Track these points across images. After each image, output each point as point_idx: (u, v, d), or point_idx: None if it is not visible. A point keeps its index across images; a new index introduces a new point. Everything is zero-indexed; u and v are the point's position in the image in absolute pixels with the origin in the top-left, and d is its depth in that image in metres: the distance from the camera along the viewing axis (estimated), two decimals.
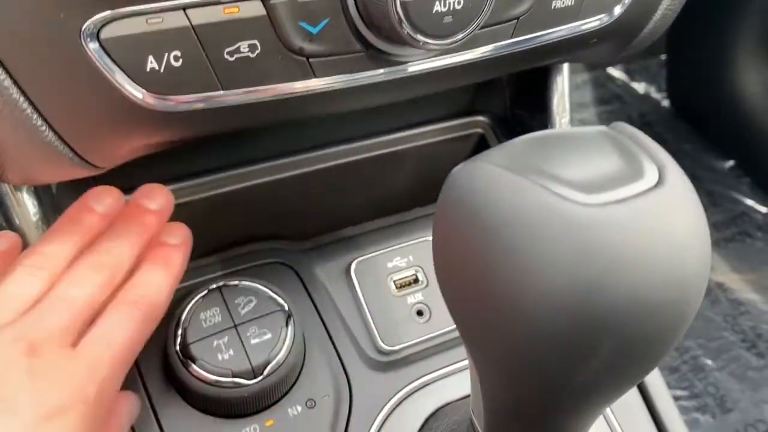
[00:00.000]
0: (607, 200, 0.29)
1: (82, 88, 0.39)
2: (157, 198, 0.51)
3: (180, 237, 0.51)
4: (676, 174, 0.30)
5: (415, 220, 0.67)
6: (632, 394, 0.57)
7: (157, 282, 0.48)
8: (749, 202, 1.65)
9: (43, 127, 0.40)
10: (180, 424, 0.52)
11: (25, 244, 0.53)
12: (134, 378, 0.53)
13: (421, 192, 0.68)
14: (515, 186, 0.30)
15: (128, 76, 0.39)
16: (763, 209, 1.64)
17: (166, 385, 0.53)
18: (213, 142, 0.61)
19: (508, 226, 0.29)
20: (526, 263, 0.28)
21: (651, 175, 0.30)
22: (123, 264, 0.47)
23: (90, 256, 0.46)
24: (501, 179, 0.30)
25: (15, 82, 0.38)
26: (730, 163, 1.71)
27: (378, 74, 0.45)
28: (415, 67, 0.46)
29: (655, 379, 0.58)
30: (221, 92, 0.41)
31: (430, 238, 0.64)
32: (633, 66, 1.91)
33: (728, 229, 1.60)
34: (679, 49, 1.78)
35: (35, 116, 0.39)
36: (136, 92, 0.40)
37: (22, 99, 0.39)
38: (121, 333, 0.44)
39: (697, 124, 1.78)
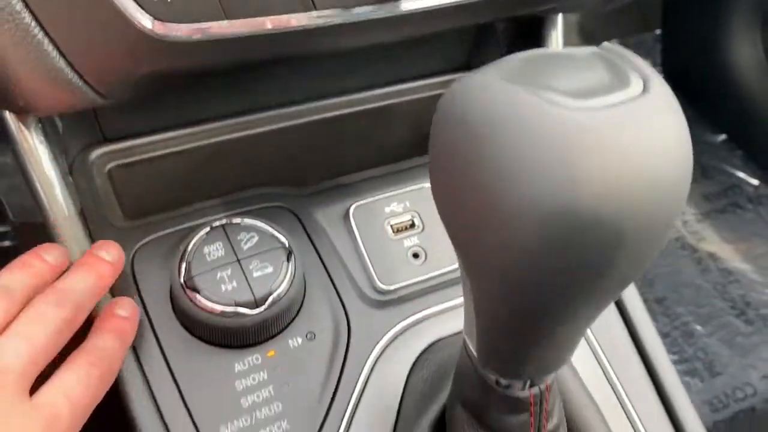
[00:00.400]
0: (595, 105, 0.30)
1: (92, 15, 0.41)
2: (111, 251, 0.53)
3: (129, 310, 0.53)
4: (660, 85, 0.32)
5: (412, 169, 0.68)
6: (618, 329, 0.60)
7: (112, 347, 0.49)
8: (741, 174, 1.67)
9: (54, 53, 0.42)
10: (185, 355, 0.54)
11: (32, 187, 0.55)
12: (140, 313, 0.55)
13: (417, 143, 0.70)
14: (507, 92, 0.31)
15: (137, 3, 0.40)
16: (754, 182, 1.66)
17: (171, 318, 0.55)
18: (216, 90, 0.63)
19: (499, 128, 0.31)
20: (516, 164, 0.30)
21: (637, 85, 0.32)
22: (84, 303, 0.48)
23: (51, 292, 0.47)
24: (494, 87, 0.32)
25: (27, 6, 0.39)
26: (723, 136, 1.73)
27: (375, 11, 0.47)
28: (410, 4, 0.48)
29: (640, 314, 0.60)
30: (225, 22, 0.43)
31: (427, 185, 0.67)
32: (628, 40, 1.93)
33: (720, 200, 1.62)
34: (674, 24, 1.80)
35: (46, 41, 0.41)
36: (145, 20, 0.41)
37: (33, 24, 0.40)
38: (81, 389, 0.45)
39: (692, 98, 1.80)
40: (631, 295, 0.61)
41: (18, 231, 0.65)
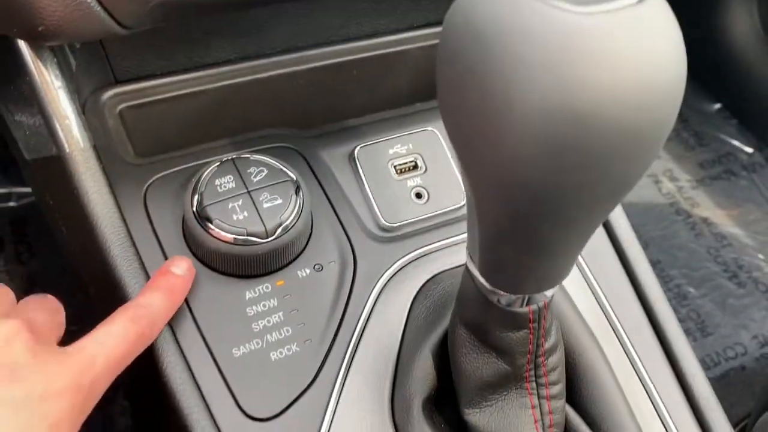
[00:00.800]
0: (597, 10, 0.32)
1: None
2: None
3: (184, 269, 0.54)
4: None
5: (416, 113, 0.70)
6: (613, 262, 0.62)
7: (158, 305, 0.51)
8: (735, 142, 1.70)
9: None
10: (198, 284, 0.56)
11: (48, 119, 0.57)
12: (152, 243, 0.57)
13: (422, 89, 0.72)
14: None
15: None
16: (748, 150, 1.69)
17: (184, 250, 0.57)
18: (225, 35, 0.65)
19: (503, 31, 0.33)
20: (519, 65, 0.32)
21: None
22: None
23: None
24: None
25: None
26: (718, 105, 1.75)
27: None
28: None
29: (634, 248, 0.63)
30: None
31: (430, 128, 0.69)
32: None
33: (714, 167, 1.65)
34: None
35: None
36: None
37: None
38: (117, 344, 0.47)
39: (687, 67, 1.81)
40: (624, 232, 0.64)
41: (31, 170, 0.66)
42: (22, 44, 0.54)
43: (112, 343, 0.47)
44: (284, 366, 0.54)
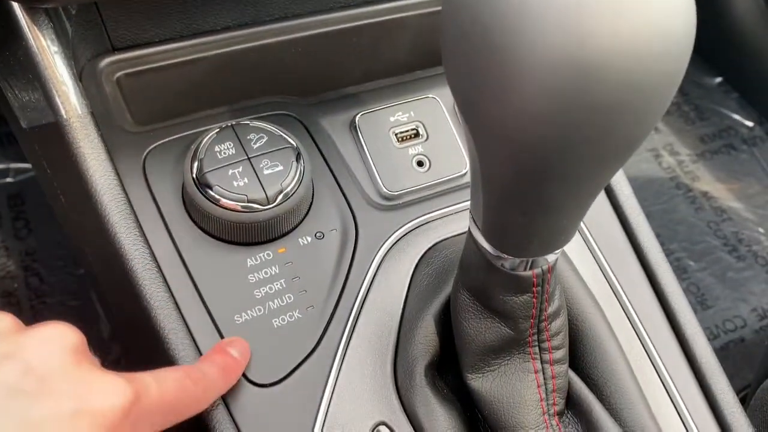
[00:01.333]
0: None
1: None
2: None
3: (241, 352, 0.52)
4: None
5: (416, 81, 0.69)
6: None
7: (213, 378, 0.48)
8: (736, 116, 1.69)
9: None
10: (199, 252, 0.55)
11: (44, 85, 0.56)
12: (152, 211, 0.57)
13: (422, 56, 0.71)
14: None
15: None
16: (749, 124, 1.68)
17: (185, 218, 0.57)
18: (222, 2, 0.64)
19: None
20: (524, 14, 0.32)
21: None
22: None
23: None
24: None
25: None
26: (719, 79, 1.74)
27: None
28: None
29: (636, 215, 0.62)
30: None
31: (431, 95, 0.68)
32: None
33: (714, 141, 1.64)
34: None
35: None
36: None
37: None
38: (173, 387, 0.44)
39: None
40: (627, 198, 0.63)
41: (29, 140, 0.66)
42: (17, 8, 0.53)
43: (170, 384, 0.44)
44: (286, 332, 0.54)
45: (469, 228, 0.48)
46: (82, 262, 0.68)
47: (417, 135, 0.65)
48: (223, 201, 0.54)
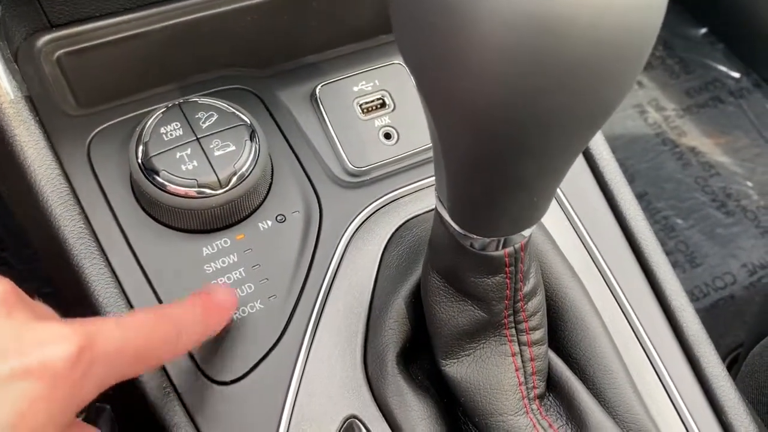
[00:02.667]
0: None
1: None
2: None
3: (226, 297, 0.48)
4: None
5: (380, 46, 0.65)
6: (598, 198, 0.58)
7: (190, 319, 0.44)
8: (722, 68, 1.65)
9: None
10: (151, 243, 0.52)
11: None
12: (99, 200, 0.53)
13: (386, 18, 0.66)
14: None
15: None
16: (735, 75, 1.64)
17: (134, 207, 0.53)
18: None
19: None
20: None
21: None
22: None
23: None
24: None
25: None
26: (704, 29, 1.70)
27: None
28: None
29: (617, 180, 0.59)
30: None
31: (397, 61, 0.63)
32: None
33: (701, 95, 1.60)
34: None
35: None
36: None
37: None
38: (134, 332, 0.39)
39: None
40: (607, 163, 0.60)
41: None
42: None
43: (135, 328, 0.39)
44: (247, 325, 0.50)
45: (435, 206, 0.44)
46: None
47: (383, 105, 0.61)
48: (172, 187, 0.50)
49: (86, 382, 0.35)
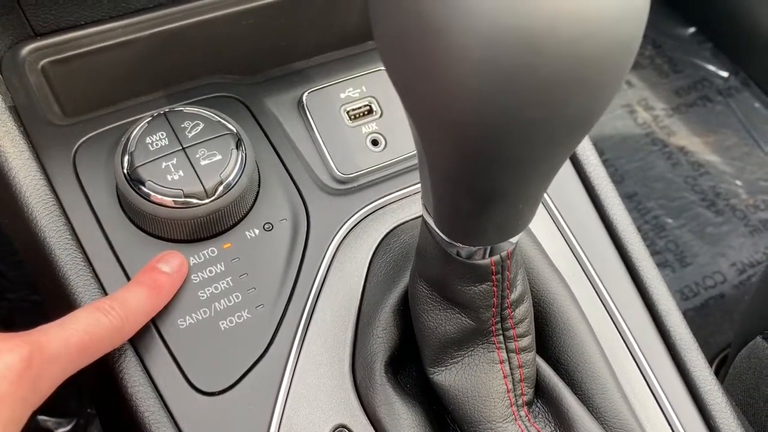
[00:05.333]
0: None
1: None
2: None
3: (174, 266, 0.50)
4: None
5: (366, 53, 0.65)
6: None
7: (137, 301, 0.47)
8: (710, 67, 1.65)
9: None
10: (137, 253, 0.52)
11: None
12: (85, 211, 0.53)
13: (370, 26, 0.66)
14: None
15: None
16: (723, 74, 1.64)
17: (120, 216, 0.53)
18: None
19: None
20: None
21: None
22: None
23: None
24: None
25: None
26: (693, 29, 1.70)
27: None
28: None
29: (604, 184, 0.59)
30: None
31: (382, 68, 0.63)
32: None
33: (689, 94, 1.61)
34: None
35: None
36: None
37: None
38: (79, 332, 0.42)
39: None
40: (594, 168, 0.60)
41: None
42: None
43: (76, 325, 0.42)
44: (235, 335, 0.50)
45: (423, 214, 0.44)
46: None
47: (370, 111, 0.61)
48: (157, 197, 0.50)
49: (41, 381, 0.40)
